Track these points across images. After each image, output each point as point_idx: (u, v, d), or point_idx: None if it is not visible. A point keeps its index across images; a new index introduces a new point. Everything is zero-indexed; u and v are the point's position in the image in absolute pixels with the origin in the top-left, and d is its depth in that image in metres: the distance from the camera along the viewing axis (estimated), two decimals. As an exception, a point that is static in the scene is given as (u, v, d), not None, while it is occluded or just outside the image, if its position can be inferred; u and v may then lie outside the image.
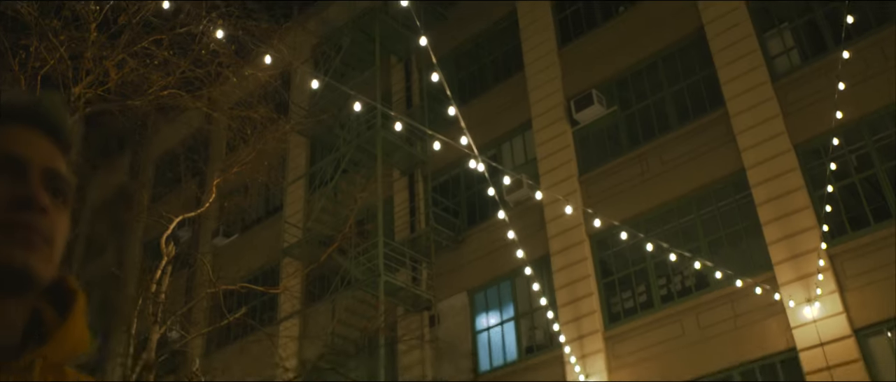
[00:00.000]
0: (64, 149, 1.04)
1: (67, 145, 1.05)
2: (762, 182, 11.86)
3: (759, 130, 12.21)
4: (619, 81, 14.54)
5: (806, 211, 11.26)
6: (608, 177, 13.71)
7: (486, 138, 15.31)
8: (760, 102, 12.40)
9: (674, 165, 13.05)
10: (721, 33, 13.31)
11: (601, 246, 13.32)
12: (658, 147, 13.36)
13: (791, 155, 11.77)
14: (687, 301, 12.06)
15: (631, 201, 13.18)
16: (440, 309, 14.77)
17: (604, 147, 14.20)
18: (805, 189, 11.44)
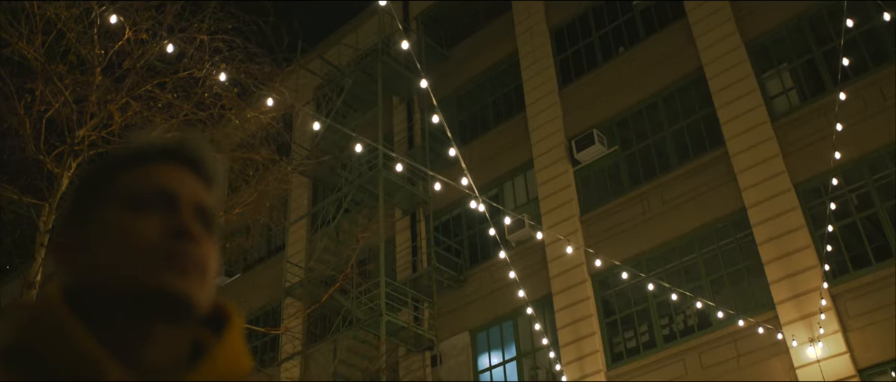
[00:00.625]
0: (208, 185, 1.11)
1: (210, 181, 1.12)
2: (763, 221, 11.87)
3: (760, 170, 12.26)
4: (620, 121, 14.63)
5: (807, 250, 11.26)
6: (609, 216, 13.73)
7: (488, 178, 15.37)
8: (760, 142, 12.47)
9: (675, 204, 13.08)
10: (720, 73, 13.43)
11: (603, 285, 13.30)
12: (659, 186, 13.40)
13: (791, 194, 11.81)
14: (689, 340, 12.01)
15: (632, 240, 13.18)
16: (442, 349, 14.70)
17: (605, 186, 14.24)
18: (806, 228, 11.45)
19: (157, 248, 1.01)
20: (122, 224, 1.03)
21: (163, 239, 1.02)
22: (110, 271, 1.01)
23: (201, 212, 1.08)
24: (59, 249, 1.08)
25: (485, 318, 14.39)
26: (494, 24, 17.75)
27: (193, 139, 1.12)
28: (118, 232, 1.03)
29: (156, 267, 1.00)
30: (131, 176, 1.08)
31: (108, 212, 1.05)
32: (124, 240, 1.02)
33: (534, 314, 11.44)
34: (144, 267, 1.00)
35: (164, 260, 1.01)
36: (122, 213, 1.04)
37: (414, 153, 16.69)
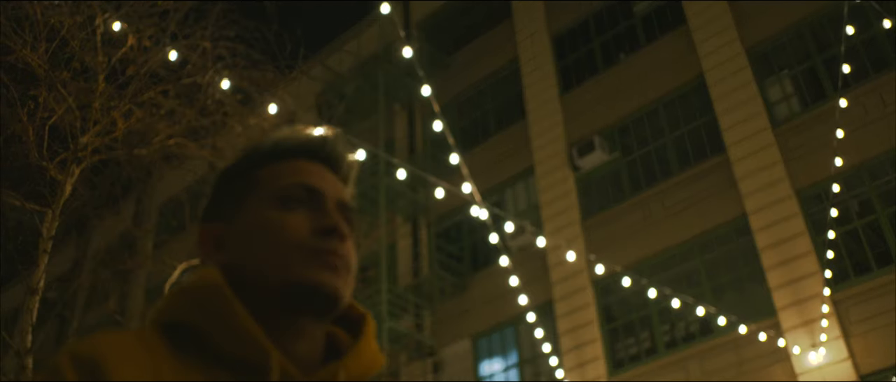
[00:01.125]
0: (344, 182, 1.16)
1: (346, 179, 1.17)
2: (764, 227, 11.89)
3: (761, 176, 12.28)
4: (621, 127, 14.65)
5: (809, 256, 11.27)
6: (611, 222, 13.74)
7: (489, 184, 15.38)
8: (761, 148, 12.49)
9: (676, 211, 13.09)
10: (721, 80, 13.46)
11: (605, 292, 13.30)
12: (660, 192, 13.41)
13: (793, 200, 11.82)
14: (691, 347, 12.01)
15: (634, 247, 13.19)
16: (444, 356, 14.70)
17: (606, 193, 14.26)
18: (807, 234, 11.45)
19: (308, 245, 1.05)
20: (274, 220, 1.07)
21: (313, 237, 1.05)
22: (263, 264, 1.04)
23: (343, 209, 1.12)
24: (204, 237, 1.12)
25: (486, 324, 14.39)
26: (495, 30, 17.79)
27: (332, 137, 1.16)
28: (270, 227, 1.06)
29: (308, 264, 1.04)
30: (274, 170, 1.12)
31: (255, 206, 1.09)
32: (277, 236, 1.05)
33: (535, 320, 11.44)
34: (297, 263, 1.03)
35: (316, 256, 1.04)
36: (271, 209, 1.08)
37: (415, 159, 16.71)
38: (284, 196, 1.09)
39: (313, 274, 1.03)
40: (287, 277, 1.03)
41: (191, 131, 7.40)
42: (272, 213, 1.07)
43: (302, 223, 1.07)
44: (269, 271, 1.03)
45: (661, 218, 13.22)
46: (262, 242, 1.06)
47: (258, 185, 1.12)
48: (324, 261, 1.04)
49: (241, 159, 1.17)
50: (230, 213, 1.12)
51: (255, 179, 1.12)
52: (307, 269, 1.03)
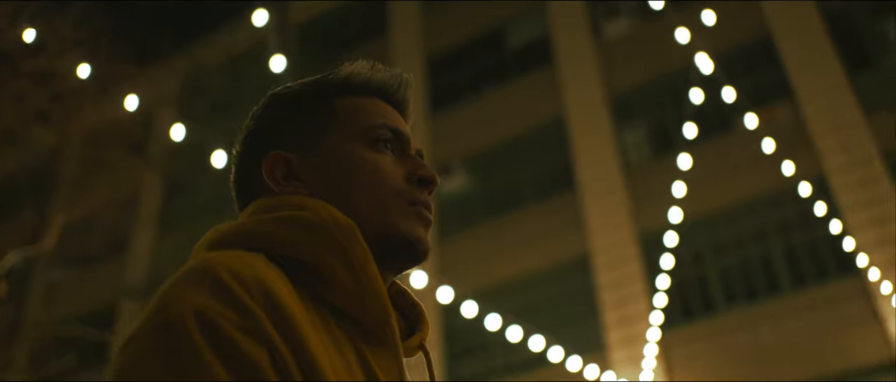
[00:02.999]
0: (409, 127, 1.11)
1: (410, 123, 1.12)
2: (605, 265, 12.49)
3: (607, 217, 12.90)
4: (483, 155, 15.02)
5: (641, 298, 11.92)
6: (463, 246, 14.03)
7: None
8: (610, 190, 13.13)
9: (527, 241, 13.53)
10: (581, 120, 14.06)
11: (451, 314, 13.53)
12: (513, 222, 13.82)
13: (633, 243, 12.48)
14: (527, 375, 12.41)
15: (482, 273, 13.52)
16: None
17: (461, 217, 14.55)
18: (643, 277, 12.12)
19: (406, 194, 1.01)
20: (368, 159, 1.01)
21: (409, 185, 1.02)
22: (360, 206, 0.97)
23: (421, 157, 1.09)
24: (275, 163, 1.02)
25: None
26: (372, 44, 17.83)
27: (407, 81, 1.13)
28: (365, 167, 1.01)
29: (407, 215, 1.00)
30: (354, 104, 1.07)
31: (339, 139, 1.03)
32: (374, 179, 1.00)
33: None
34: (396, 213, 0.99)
35: (413, 208, 1.01)
36: (361, 147, 1.02)
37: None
38: (375, 136, 1.03)
39: (413, 228, 1.00)
40: (385, 226, 0.98)
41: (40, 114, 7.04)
42: (364, 152, 1.02)
43: (395, 168, 1.03)
44: (365, 215, 0.97)
45: (511, 247, 13.62)
46: (354, 181, 1.00)
47: (338, 117, 1.05)
48: (421, 214, 1.02)
49: (309, 85, 1.10)
50: (303, 142, 1.03)
51: (333, 110, 1.06)
52: (406, 221, 1.00)
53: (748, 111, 8.25)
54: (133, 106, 5.76)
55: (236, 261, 0.81)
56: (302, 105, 1.07)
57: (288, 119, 1.06)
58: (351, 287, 0.90)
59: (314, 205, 0.94)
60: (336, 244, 0.90)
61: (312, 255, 0.90)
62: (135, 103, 5.67)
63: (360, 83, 1.09)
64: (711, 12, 6.71)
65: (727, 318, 11.73)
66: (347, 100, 1.07)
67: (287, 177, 1.02)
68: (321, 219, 0.91)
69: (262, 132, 1.07)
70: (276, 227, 0.91)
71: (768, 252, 11.98)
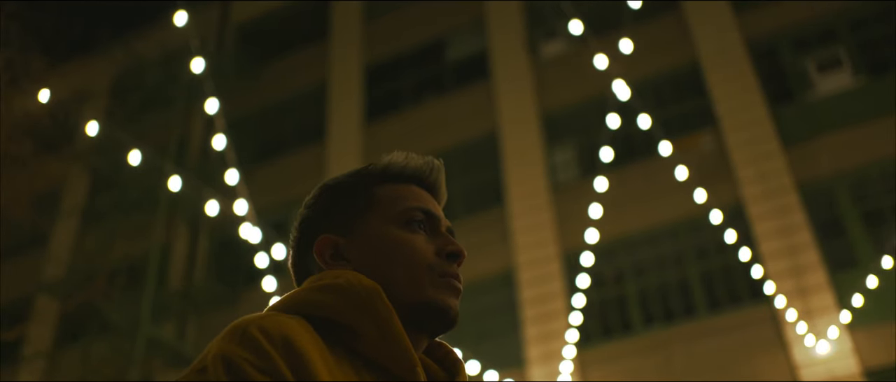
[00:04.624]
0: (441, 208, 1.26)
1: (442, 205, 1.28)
2: (528, 281, 12.64)
3: (533, 234, 13.06)
4: (415, 166, 15.07)
5: (562, 315, 12.09)
6: (391, 256, 14.05)
7: (279, 200, 15.26)
8: (538, 208, 13.31)
9: (453, 255, 13.60)
10: (514, 137, 14.23)
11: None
12: (441, 235, 13.90)
13: (556, 262, 12.66)
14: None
15: (408, 283, 13.55)
16: (204, 368, 14.29)
17: (391, 227, 14.57)
18: (564, 295, 12.30)
19: (437, 268, 1.18)
20: (404, 239, 1.17)
21: (440, 259, 1.19)
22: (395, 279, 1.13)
23: (451, 233, 1.26)
24: (323, 246, 1.19)
25: (252, 341, 14.17)
26: (312, 48, 17.79)
27: (438, 168, 1.30)
28: (401, 246, 1.16)
29: (437, 286, 1.17)
30: (392, 191, 1.23)
31: (378, 223, 1.19)
32: (409, 255, 1.15)
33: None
34: (428, 284, 1.15)
35: (443, 279, 1.18)
36: (397, 228, 1.18)
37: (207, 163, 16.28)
38: (408, 218, 1.19)
39: (443, 297, 1.16)
40: (420, 296, 1.13)
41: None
42: (399, 233, 1.17)
43: (427, 245, 1.18)
44: (401, 287, 1.12)
45: (438, 260, 13.69)
46: (391, 258, 1.15)
47: (378, 204, 1.21)
48: (450, 285, 1.19)
49: (353, 177, 1.26)
50: (348, 226, 1.20)
51: (373, 198, 1.21)
52: (438, 291, 1.16)
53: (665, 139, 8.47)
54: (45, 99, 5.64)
55: (267, 319, 0.99)
56: (346, 194, 1.24)
57: (335, 207, 1.23)
58: (378, 339, 1.05)
59: (346, 274, 1.10)
60: (362, 303, 1.06)
61: (343, 314, 1.06)
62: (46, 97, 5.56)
63: (397, 171, 1.28)
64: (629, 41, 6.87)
65: (644, 338, 11.97)
66: (386, 187, 1.24)
67: (335, 256, 1.18)
68: (350, 284, 1.08)
69: (313, 219, 1.24)
70: (314, 294, 1.09)
71: (686, 275, 12.28)
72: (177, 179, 7.48)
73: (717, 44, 13.52)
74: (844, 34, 13.11)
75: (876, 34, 13.03)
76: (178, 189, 7.48)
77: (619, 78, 6.93)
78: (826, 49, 13.07)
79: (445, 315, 1.17)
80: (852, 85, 12.65)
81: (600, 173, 8.48)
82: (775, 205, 11.81)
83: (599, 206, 9.11)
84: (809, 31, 13.28)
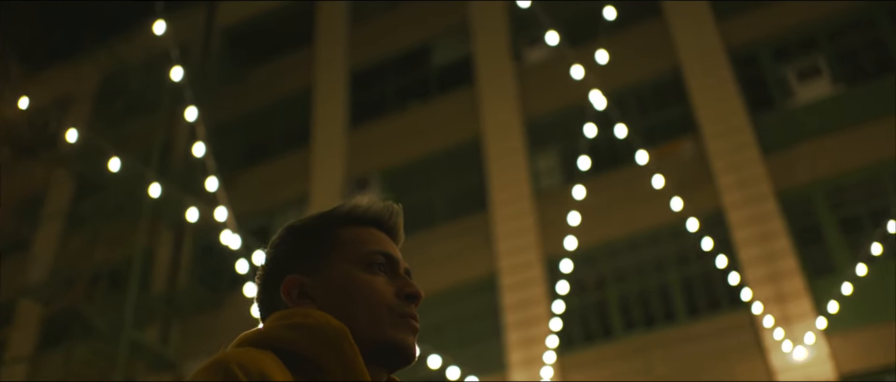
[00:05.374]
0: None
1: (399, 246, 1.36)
2: (511, 287, 12.72)
3: (516, 239, 13.15)
4: (399, 171, 15.14)
5: (543, 321, 12.17)
6: (374, 261, 14.09)
7: (262, 205, 15.30)
8: (521, 214, 13.39)
9: (436, 260, 13.68)
10: (497, 142, 14.31)
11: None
12: (424, 240, 13.96)
13: (538, 267, 12.75)
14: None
15: (391, 288, 13.60)
16: (187, 371, 14.30)
17: (375, 232, 14.62)
18: (546, 300, 12.38)
19: (396, 308, 1.24)
20: (365, 280, 1.25)
21: (399, 300, 1.25)
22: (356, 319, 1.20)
23: (409, 275, 1.34)
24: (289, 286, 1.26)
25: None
26: (298, 53, 17.83)
27: (398, 212, 1.37)
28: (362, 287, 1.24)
29: (397, 326, 1.22)
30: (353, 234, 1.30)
31: (340, 264, 1.26)
32: (369, 296, 1.23)
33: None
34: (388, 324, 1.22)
35: (402, 319, 1.23)
36: (358, 270, 1.26)
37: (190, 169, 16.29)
38: (370, 261, 1.27)
39: (403, 336, 1.22)
40: (380, 335, 1.20)
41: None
42: (361, 275, 1.25)
43: (387, 287, 1.25)
44: (362, 326, 1.19)
45: (421, 265, 13.73)
46: (354, 298, 1.22)
47: (341, 246, 1.28)
48: (409, 325, 1.24)
49: (317, 220, 1.32)
50: (313, 267, 1.27)
51: (337, 240, 1.28)
52: (397, 331, 1.22)
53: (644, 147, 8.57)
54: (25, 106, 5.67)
55: (244, 355, 1.08)
56: (311, 236, 1.30)
57: (300, 248, 1.30)
58: (342, 376, 1.12)
59: (314, 314, 1.18)
60: (330, 342, 1.13)
61: (311, 351, 1.14)
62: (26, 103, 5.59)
63: (359, 215, 1.34)
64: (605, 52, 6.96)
65: (624, 344, 12.07)
66: (348, 230, 1.31)
67: (301, 295, 1.26)
68: (318, 324, 1.15)
69: (279, 259, 1.32)
70: (285, 331, 1.16)
71: (667, 281, 12.39)
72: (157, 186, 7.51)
73: (699, 51, 13.65)
74: (824, 43, 13.26)
75: (855, 43, 13.19)
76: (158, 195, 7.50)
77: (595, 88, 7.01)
78: (806, 57, 13.21)
79: (404, 352, 1.24)
80: (831, 93, 12.79)
81: (579, 181, 8.57)
82: (754, 212, 11.93)
83: (578, 214, 9.20)
84: (789, 40, 13.43)
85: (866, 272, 9.54)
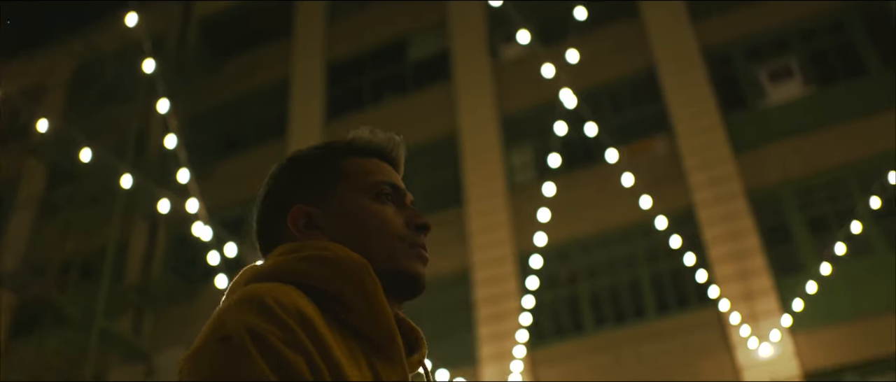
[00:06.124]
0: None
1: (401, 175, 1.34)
2: (484, 281, 12.81)
3: (489, 234, 13.23)
4: (375, 165, 15.16)
5: (515, 315, 12.27)
6: (349, 254, 14.13)
7: (237, 197, 15.27)
8: (495, 209, 13.48)
9: (410, 254, 13.73)
10: (473, 138, 14.38)
11: (330, 320, 13.64)
12: (399, 234, 14.01)
13: (512, 262, 12.84)
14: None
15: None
16: (160, 362, 14.28)
17: (350, 225, 14.65)
18: (517, 294, 12.48)
19: (407, 238, 1.23)
20: (375, 210, 1.23)
21: (409, 230, 1.24)
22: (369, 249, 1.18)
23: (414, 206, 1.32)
24: (299, 216, 1.23)
25: (209, 336, 14.18)
26: (275, 44, 17.79)
27: (400, 143, 1.38)
28: (372, 216, 1.22)
29: (408, 256, 1.22)
30: (359, 165, 1.28)
31: (349, 194, 1.24)
32: (381, 226, 1.21)
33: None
34: (400, 254, 1.21)
35: (413, 249, 1.22)
36: (368, 200, 1.24)
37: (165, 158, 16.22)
38: (378, 191, 1.26)
39: (414, 266, 1.23)
40: (393, 265, 1.19)
41: None
42: (371, 204, 1.23)
43: (396, 217, 1.24)
44: (375, 257, 1.17)
45: (395, 258, 13.81)
46: (365, 229, 1.21)
47: (347, 177, 1.26)
48: (420, 254, 1.24)
49: (320, 150, 1.32)
50: (320, 197, 1.25)
51: (343, 170, 1.27)
52: (409, 260, 1.22)
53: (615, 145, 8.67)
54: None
55: (277, 290, 1.02)
56: (316, 166, 1.29)
57: (305, 178, 1.28)
58: (365, 311, 1.09)
59: (334, 247, 1.14)
60: (353, 277, 1.10)
61: (334, 286, 1.10)
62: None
63: (361, 146, 1.34)
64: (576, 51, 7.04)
65: (594, 339, 12.20)
66: (353, 160, 1.29)
67: (308, 225, 1.23)
68: (340, 258, 1.12)
69: (283, 190, 1.29)
70: (303, 264, 1.12)
71: (637, 278, 12.53)
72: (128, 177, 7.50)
73: (674, 50, 13.78)
74: (796, 44, 13.44)
75: (826, 45, 13.37)
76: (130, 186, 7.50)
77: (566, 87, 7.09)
78: (778, 58, 13.38)
79: (416, 282, 1.25)
80: (802, 94, 12.97)
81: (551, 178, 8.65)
82: (724, 211, 12.09)
83: (548, 211, 9.29)
84: (763, 41, 13.59)
85: (831, 271, 9.71)
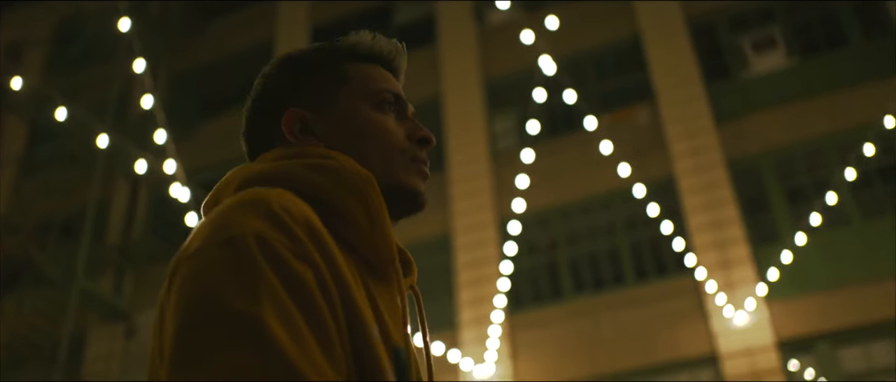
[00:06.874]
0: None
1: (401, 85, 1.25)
2: (465, 246, 12.88)
3: (471, 199, 13.28)
4: (359, 129, 15.14)
5: (494, 280, 12.36)
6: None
7: (221, 156, 15.20)
8: (477, 175, 13.50)
9: (392, 218, 13.76)
10: (456, 103, 14.36)
11: (311, 283, 13.69)
12: (381, 198, 14.03)
13: (492, 228, 12.91)
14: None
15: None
16: (140, 322, 14.32)
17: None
18: (497, 260, 12.56)
19: (408, 151, 1.15)
20: (376, 119, 1.15)
21: (411, 143, 1.16)
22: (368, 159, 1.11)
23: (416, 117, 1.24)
24: (293, 120, 1.15)
25: (190, 297, 14.23)
26: (258, 6, 17.61)
27: (403, 52, 1.29)
28: (373, 125, 1.14)
29: (409, 170, 1.14)
30: (361, 71, 1.20)
31: (349, 101, 1.16)
32: (381, 136, 1.14)
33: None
34: (400, 167, 1.13)
35: (414, 163, 1.15)
36: (369, 108, 1.16)
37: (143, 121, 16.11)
38: (380, 100, 1.17)
39: (414, 181, 1.15)
40: (393, 179, 1.12)
41: None
42: (372, 113, 1.16)
43: (397, 128, 1.17)
44: (376, 168, 1.10)
45: (377, 222, 13.84)
46: (364, 138, 1.13)
47: (348, 82, 1.18)
48: (421, 170, 1.17)
49: (321, 51, 1.23)
50: (317, 101, 1.16)
51: (344, 74, 1.18)
52: (408, 175, 1.15)
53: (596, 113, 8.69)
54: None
55: (283, 197, 0.94)
56: (315, 68, 1.20)
57: (301, 80, 1.19)
58: (367, 227, 1.03)
59: (338, 156, 1.07)
60: (357, 190, 1.03)
61: (336, 198, 1.03)
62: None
63: (364, 51, 1.25)
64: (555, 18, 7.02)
65: (573, 305, 12.31)
66: (354, 65, 1.21)
67: (303, 131, 1.15)
68: (346, 169, 1.05)
69: (277, 90, 1.20)
70: (305, 172, 1.04)
71: (616, 245, 12.62)
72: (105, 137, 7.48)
73: (658, 19, 13.75)
74: (780, 15, 13.44)
75: (810, 16, 13.38)
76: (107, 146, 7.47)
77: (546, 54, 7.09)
78: (762, 29, 13.38)
79: (415, 199, 1.17)
80: (785, 65, 13.00)
81: (530, 145, 8.68)
82: (704, 180, 12.16)
83: (526, 177, 9.32)
84: (747, 11, 13.57)
85: (806, 241, 9.81)
